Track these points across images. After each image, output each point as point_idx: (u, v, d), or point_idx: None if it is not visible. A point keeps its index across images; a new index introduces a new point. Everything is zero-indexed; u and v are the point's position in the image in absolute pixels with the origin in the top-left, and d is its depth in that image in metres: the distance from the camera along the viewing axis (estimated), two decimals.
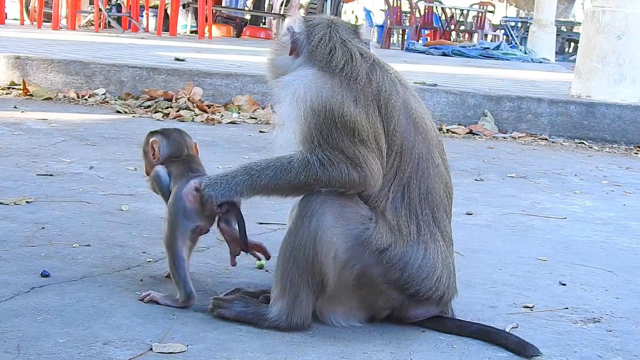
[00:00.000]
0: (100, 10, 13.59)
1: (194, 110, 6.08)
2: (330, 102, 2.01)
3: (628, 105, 6.49)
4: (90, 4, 14.95)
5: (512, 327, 2.16)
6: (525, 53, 16.29)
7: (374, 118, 2.03)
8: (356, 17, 32.29)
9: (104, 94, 6.46)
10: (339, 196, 2.01)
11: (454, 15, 21.57)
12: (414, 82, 6.95)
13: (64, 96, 6.41)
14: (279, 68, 2.20)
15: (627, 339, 2.18)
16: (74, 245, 2.63)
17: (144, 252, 2.63)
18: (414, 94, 2.16)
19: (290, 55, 2.16)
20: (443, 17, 21.19)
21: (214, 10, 16.18)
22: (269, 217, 3.20)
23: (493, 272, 2.74)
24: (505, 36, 21.55)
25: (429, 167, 2.09)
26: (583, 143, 6.32)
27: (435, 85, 6.85)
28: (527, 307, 2.38)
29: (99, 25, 13.51)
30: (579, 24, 22.91)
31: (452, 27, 21.37)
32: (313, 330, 2.05)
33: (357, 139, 1.99)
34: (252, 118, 6.06)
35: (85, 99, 6.35)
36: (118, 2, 15.17)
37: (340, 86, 2.03)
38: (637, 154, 6.09)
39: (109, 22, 14.30)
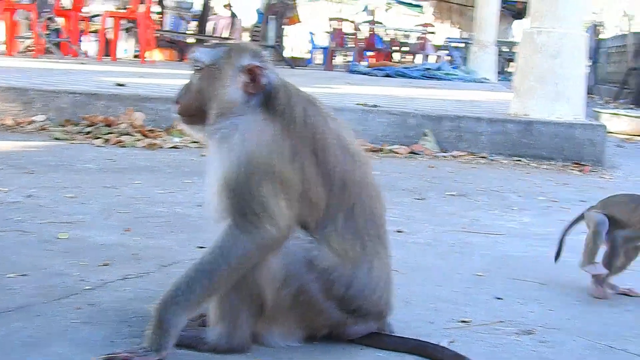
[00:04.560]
0: (39, 35, 13.43)
1: (135, 136, 6.05)
2: (269, 159, 1.99)
3: (564, 123, 6.66)
4: (28, 29, 14.76)
5: (449, 342, 2.20)
6: (467, 73, 16.58)
7: (310, 169, 2.03)
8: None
9: (42, 121, 6.38)
10: None
11: (397, 37, 21.87)
12: (356, 104, 7.04)
13: (1, 124, 6.31)
14: (226, 103, 2.07)
15: (559, 348, 2.24)
16: (10, 276, 2.59)
17: (82, 279, 2.61)
18: (341, 123, 2.19)
19: (244, 91, 2.07)
20: (386, 39, 21.47)
21: (156, 34, 16.13)
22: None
23: (432, 288, 2.78)
24: (447, 57, 21.91)
25: (368, 189, 2.15)
26: (521, 160, 6.45)
27: (377, 106, 6.93)
28: (464, 321, 2.42)
29: (38, 51, 13.34)
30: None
31: (395, 48, 21.66)
32: (253, 352, 2.05)
33: (283, 195, 1.99)
34: (194, 142, 6.05)
35: (23, 127, 6.27)
36: (57, 27, 15.00)
37: (282, 136, 2.02)
38: (572, 170, 6.24)
39: (48, 47, 14.14)
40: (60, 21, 14.68)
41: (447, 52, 22.77)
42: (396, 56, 21.82)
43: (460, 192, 4.85)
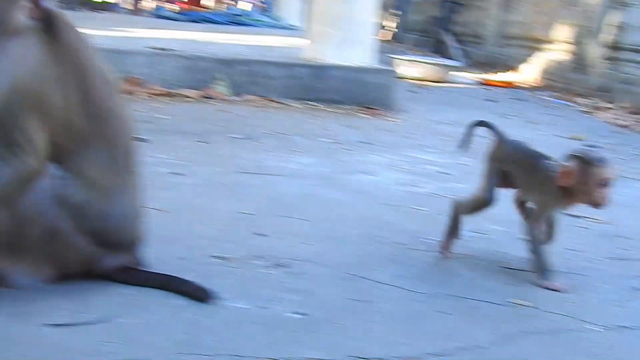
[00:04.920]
0: None
1: None
2: (34, 85, 1.97)
3: (355, 68, 6.86)
4: None
5: (198, 276, 2.24)
6: (275, 20, 16.63)
7: (73, 98, 2.03)
8: None
9: None
10: None
11: None
12: (147, 47, 6.88)
13: None
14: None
15: (305, 279, 2.37)
16: None
17: None
18: (100, 57, 2.19)
19: (22, 15, 1.99)
20: None
21: None
22: None
23: (195, 227, 2.82)
24: (258, 3, 21.86)
25: (123, 122, 2.17)
26: (313, 104, 6.59)
27: (168, 49, 6.82)
28: (221, 257, 2.49)
29: None
30: None
31: None
32: None
33: (46, 124, 1.98)
34: None
35: None
36: None
37: (52, 62, 2.00)
38: (361, 113, 6.47)
39: None
40: None
41: None
42: (207, 2, 21.52)
43: (246, 135, 4.90)
